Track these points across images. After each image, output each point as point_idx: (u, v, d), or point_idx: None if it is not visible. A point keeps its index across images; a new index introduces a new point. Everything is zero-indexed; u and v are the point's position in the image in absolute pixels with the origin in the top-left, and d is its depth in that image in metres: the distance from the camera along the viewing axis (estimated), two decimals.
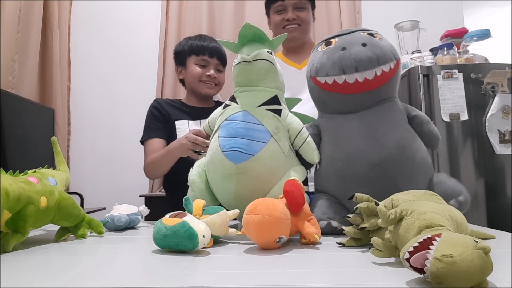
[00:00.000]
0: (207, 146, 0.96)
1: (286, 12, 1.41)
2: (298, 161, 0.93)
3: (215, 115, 0.98)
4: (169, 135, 1.33)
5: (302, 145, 0.91)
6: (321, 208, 0.85)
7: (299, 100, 1.00)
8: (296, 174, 0.88)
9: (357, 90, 0.86)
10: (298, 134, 0.91)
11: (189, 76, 1.39)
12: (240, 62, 0.90)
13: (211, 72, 1.36)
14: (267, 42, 0.91)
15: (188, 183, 0.94)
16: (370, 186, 0.79)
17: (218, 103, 1.48)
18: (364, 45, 0.84)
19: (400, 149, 0.83)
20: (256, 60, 0.88)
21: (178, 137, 1.30)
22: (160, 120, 1.34)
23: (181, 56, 1.41)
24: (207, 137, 1.01)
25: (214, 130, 0.93)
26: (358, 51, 0.83)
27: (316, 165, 0.94)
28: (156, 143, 1.31)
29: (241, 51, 0.91)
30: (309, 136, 0.92)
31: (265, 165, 0.85)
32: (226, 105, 0.94)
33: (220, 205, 0.92)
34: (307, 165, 0.94)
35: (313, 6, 1.49)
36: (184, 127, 1.34)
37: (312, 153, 0.91)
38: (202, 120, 1.34)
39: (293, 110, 0.99)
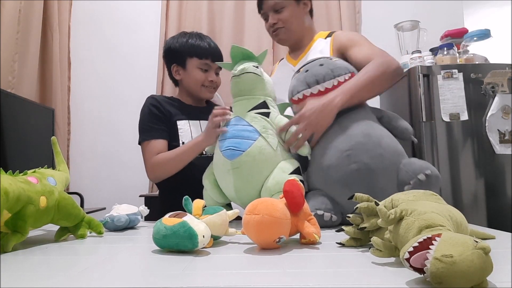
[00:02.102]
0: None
1: (268, 18, 1.37)
2: (290, 156, 1.05)
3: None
4: (170, 135, 1.30)
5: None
6: (312, 202, 0.95)
7: (289, 104, 1.14)
8: (286, 164, 1.01)
9: None
10: (287, 131, 1.04)
11: (190, 79, 1.36)
12: (232, 77, 1.06)
13: (214, 77, 1.36)
14: (254, 59, 1.07)
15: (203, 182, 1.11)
16: (344, 171, 0.94)
17: (209, 103, 1.48)
18: (321, 65, 1.07)
19: (366, 136, 0.96)
20: (243, 73, 1.03)
21: (180, 138, 1.29)
22: (161, 120, 1.30)
23: (180, 56, 1.36)
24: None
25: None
26: (317, 69, 1.06)
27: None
28: (161, 144, 1.27)
29: (234, 68, 1.06)
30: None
31: (255, 158, 0.98)
32: None
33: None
34: (303, 162, 1.06)
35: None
36: (186, 128, 1.31)
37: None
38: (201, 121, 1.34)
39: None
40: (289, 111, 1.15)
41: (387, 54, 1.17)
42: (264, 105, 1.05)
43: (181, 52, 1.35)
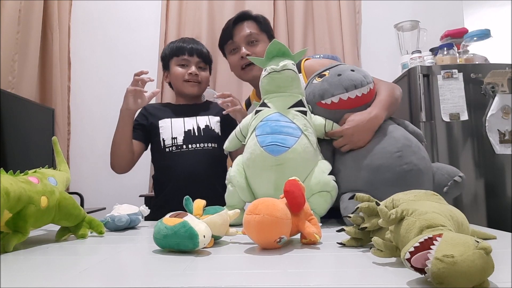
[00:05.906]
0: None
1: (240, 50, 1.30)
2: (322, 156, 1.06)
3: (247, 121, 1.10)
4: (152, 135, 1.40)
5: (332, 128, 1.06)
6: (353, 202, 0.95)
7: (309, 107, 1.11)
8: (324, 164, 1.01)
9: (357, 104, 1.05)
10: (325, 124, 1.06)
11: (173, 78, 1.43)
12: (270, 72, 1.02)
13: (192, 69, 1.39)
14: (290, 56, 1.05)
15: (226, 181, 1.05)
16: (397, 171, 0.95)
17: (208, 103, 1.52)
18: (353, 70, 1.07)
19: (407, 140, 1.01)
20: (284, 69, 1.01)
21: (161, 134, 1.37)
22: (139, 125, 1.42)
23: (165, 61, 1.46)
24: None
25: (250, 132, 1.05)
26: (352, 74, 1.05)
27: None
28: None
29: (268, 64, 1.04)
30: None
31: (300, 156, 0.97)
32: (258, 111, 1.06)
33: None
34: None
35: (270, 37, 1.35)
36: (166, 125, 1.38)
37: None
38: (185, 118, 1.39)
39: None
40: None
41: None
42: (301, 103, 1.05)
43: (165, 57, 1.47)
